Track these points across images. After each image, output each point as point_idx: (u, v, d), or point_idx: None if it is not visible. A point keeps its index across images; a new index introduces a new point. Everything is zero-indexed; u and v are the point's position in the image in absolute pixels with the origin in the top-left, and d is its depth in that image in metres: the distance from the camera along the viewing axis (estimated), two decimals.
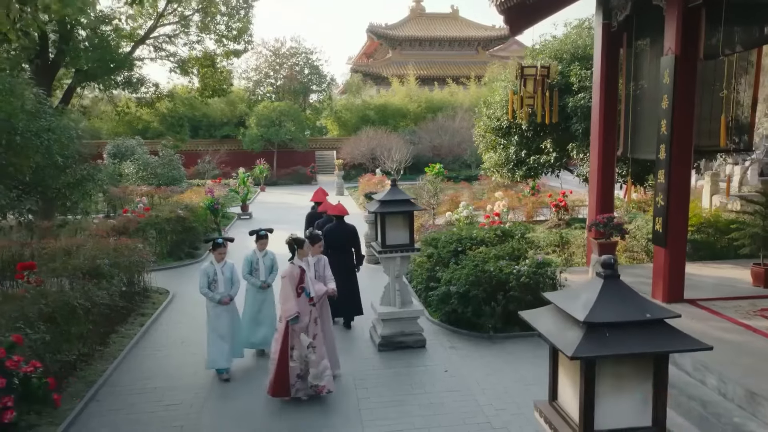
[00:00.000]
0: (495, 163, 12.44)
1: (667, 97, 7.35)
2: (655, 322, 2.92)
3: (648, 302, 3.02)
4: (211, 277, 6.98)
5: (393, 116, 34.83)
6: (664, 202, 7.43)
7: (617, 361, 2.98)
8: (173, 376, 7.14)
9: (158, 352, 8.01)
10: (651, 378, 2.98)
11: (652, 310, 2.94)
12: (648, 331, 2.90)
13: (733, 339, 6.29)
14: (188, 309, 9.77)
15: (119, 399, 6.51)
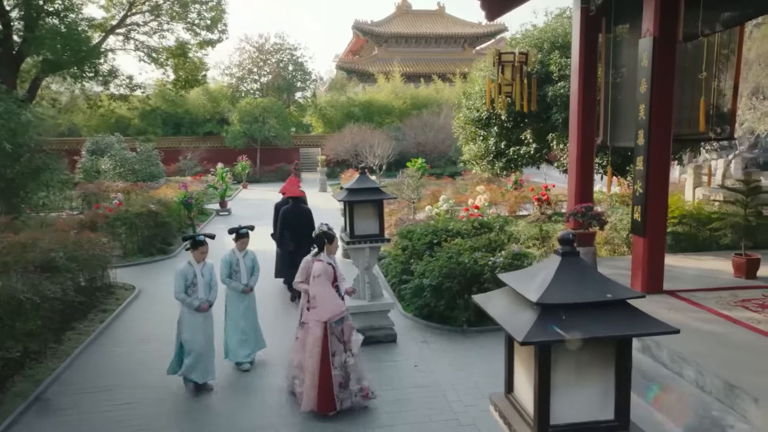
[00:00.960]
0: (474, 155, 12.16)
1: (646, 81, 7.09)
2: (617, 303, 2.62)
3: (610, 282, 2.72)
4: (190, 280, 6.08)
5: (378, 113, 34.52)
6: (643, 190, 7.17)
7: (576, 347, 2.68)
8: (132, 375, 6.79)
9: (118, 349, 7.64)
10: (613, 366, 2.68)
11: (613, 290, 2.64)
12: (609, 313, 2.60)
13: (712, 330, 6.03)
14: (155, 305, 9.41)
15: (69, 398, 6.14)
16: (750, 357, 5.29)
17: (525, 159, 11.34)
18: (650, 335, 2.57)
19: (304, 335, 5.67)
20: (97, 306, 8.88)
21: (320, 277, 5.55)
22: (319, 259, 5.70)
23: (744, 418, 4.62)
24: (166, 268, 12.06)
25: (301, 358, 5.67)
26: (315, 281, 5.57)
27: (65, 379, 6.59)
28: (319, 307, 5.51)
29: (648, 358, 5.91)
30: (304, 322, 5.73)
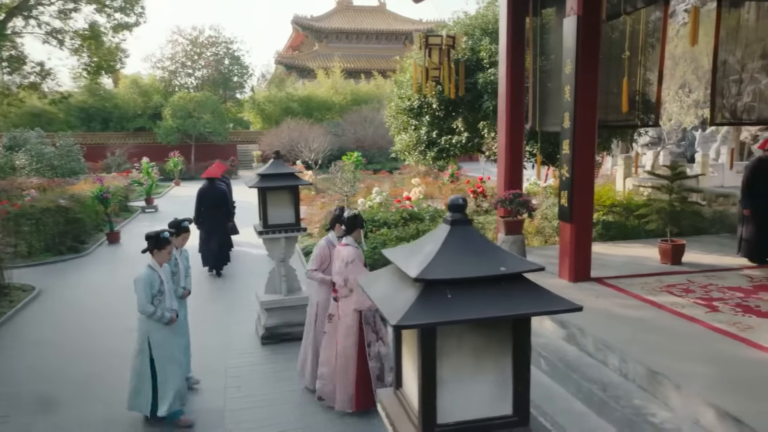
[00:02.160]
0: (406, 145, 11.81)
1: (571, 62, 6.87)
2: (513, 278, 2.22)
3: (505, 254, 2.32)
4: (157, 288, 4.93)
5: (318, 109, 33.87)
6: (569, 174, 6.95)
7: (466, 331, 2.28)
8: (17, 381, 6.04)
9: (5, 352, 6.85)
10: (510, 352, 2.29)
11: (508, 263, 2.24)
12: (504, 289, 2.19)
13: (638, 316, 5.84)
14: (55, 308, 8.58)
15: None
16: (673, 342, 5.09)
17: (457, 148, 11.07)
18: (550, 313, 2.19)
19: (333, 329, 5.18)
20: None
21: (355, 261, 5.01)
22: (346, 244, 5.14)
23: (666, 405, 4.39)
24: (76, 268, 11.17)
25: (330, 355, 5.18)
26: (349, 267, 4.99)
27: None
28: (357, 294, 4.96)
29: (573, 347, 5.65)
30: (331, 314, 5.23)
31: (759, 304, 6.06)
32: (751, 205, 7.68)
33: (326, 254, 5.49)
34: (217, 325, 7.67)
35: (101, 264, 11.53)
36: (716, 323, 5.50)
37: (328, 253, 5.48)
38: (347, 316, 5.08)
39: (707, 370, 4.49)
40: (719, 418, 3.90)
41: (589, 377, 4.98)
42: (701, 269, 7.57)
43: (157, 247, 4.96)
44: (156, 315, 4.91)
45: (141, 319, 4.98)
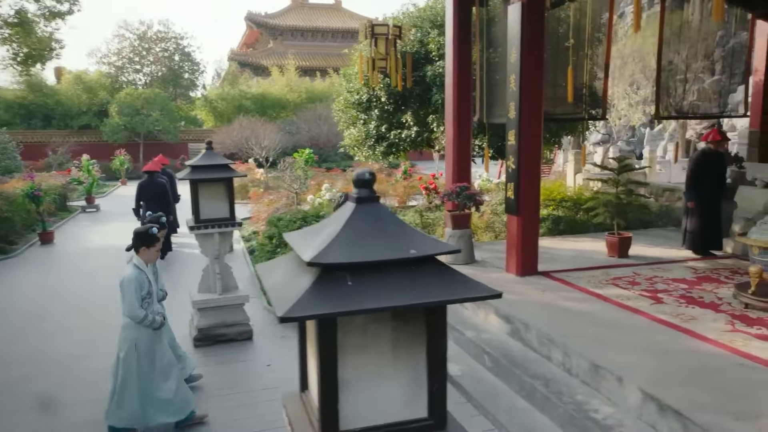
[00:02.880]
0: (355, 140, 11.52)
1: (516, 50, 6.71)
2: (425, 261, 1.95)
3: (417, 234, 2.05)
4: (146, 290, 4.43)
5: (272, 106, 33.22)
6: (515, 166, 6.79)
7: (372, 323, 2.00)
8: None
9: None
10: (424, 346, 2.02)
11: (420, 245, 1.97)
12: (415, 275, 1.92)
13: (583, 309, 5.70)
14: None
15: None
16: (617, 335, 4.96)
17: (407, 143, 10.84)
18: (466, 300, 1.92)
19: None
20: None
21: None
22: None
23: (609, 400, 4.22)
24: (5, 269, 10.45)
25: None
26: None
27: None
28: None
29: (518, 342, 5.46)
30: None
31: (702, 296, 6.02)
32: (696, 197, 7.69)
33: None
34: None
35: (31, 265, 10.83)
36: (660, 315, 5.41)
37: None
38: None
39: (649, 363, 4.35)
40: (660, 412, 3.75)
41: (532, 373, 4.80)
42: (647, 262, 7.54)
43: (145, 244, 4.41)
44: (147, 320, 4.36)
45: (127, 324, 4.40)
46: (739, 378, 4.07)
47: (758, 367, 4.23)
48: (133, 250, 4.46)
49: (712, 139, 7.76)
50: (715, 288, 6.29)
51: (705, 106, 10.66)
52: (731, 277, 6.72)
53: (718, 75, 13.45)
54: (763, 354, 4.43)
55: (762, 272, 5.51)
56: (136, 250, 4.46)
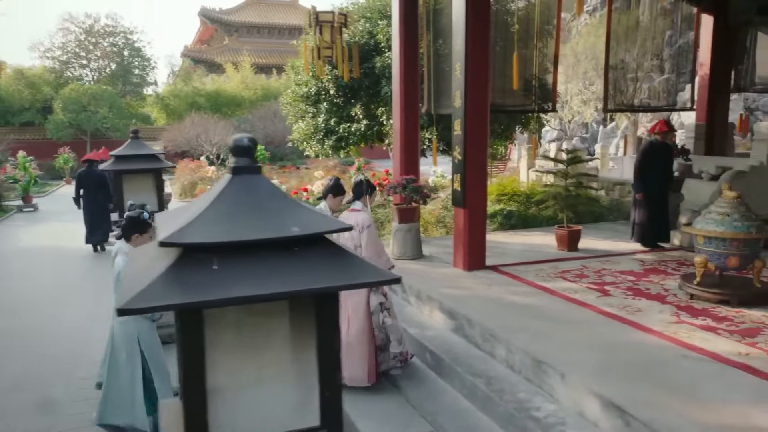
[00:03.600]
0: (303, 134, 11.16)
1: (461, 38, 6.48)
2: (312, 242, 1.66)
3: (306, 211, 1.75)
4: None
5: (227, 104, 32.43)
6: (462, 156, 6.57)
7: (249, 317, 1.69)
8: None
9: None
10: (314, 341, 1.72)
11: (306, 222, 1.67)
12: (299, 258, 1.62)
13: (529, 303, 5.51)
14: None
15: None
16: (562, 329, 4.77)
17: (356, 137, 10.54)
18: (357, 287, 1.64)
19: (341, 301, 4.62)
20: None
21: (371, 227, 4.77)
22: (357, 209, 4.88)
23: (551, 397, 4.01)
24: None
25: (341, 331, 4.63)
26: (365, 233, 4.74)
27: None
28: (376, 260, 4.58)
29: (461, 338, 5.23)
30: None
31: (649, 287, 5.91)
32: (643, 189, 7.63)
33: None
34: (71, 330, 6.73)
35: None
36: (607, 307, 5.26)
37: None
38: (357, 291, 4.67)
39: (593, 357, 4.17)
40: (603, 408, 3.55)
41: (474, 371, 4.56)
42: (596, 255, 7.44)
43: (137, 231, 4.14)
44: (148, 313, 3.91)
45: (126, 319, 4.01)
46: (682, 370, 3.91)
47: (701, 358, 4.09)
48: (123, 238, 4.17)
49: (659, 130, 7.72)
50: (662, 280, 6.20)
51: (655, 104, 10.74)
52: (678, 268, 6.66)
53: (667, 74, 13.62)
54: (707, 345, 4.30)
55: (707, 262, 5.42)
56: (127, 238, 4.15)
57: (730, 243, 5.26)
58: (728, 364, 3.98)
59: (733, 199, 5.44)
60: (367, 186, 5.01)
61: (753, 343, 4.36)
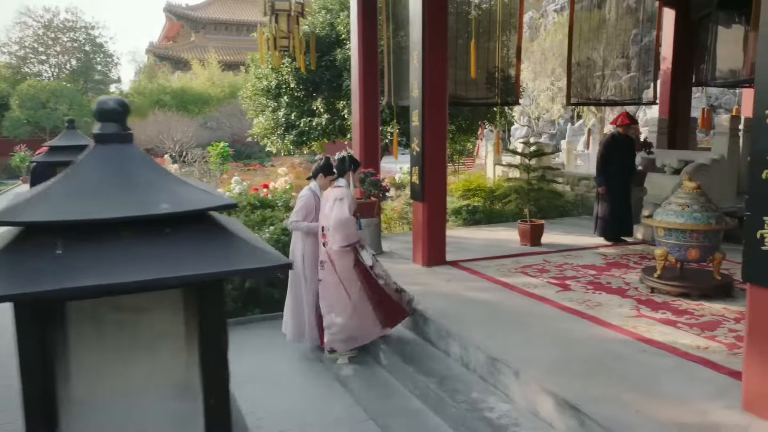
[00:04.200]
0: (263, 129, 10.84)
1: (418, 27, 6.26)
2: (189, 221, 1.39)
3: (183, 185, 1.48)
4: None
5: (193, 101, 31.72)
6: (420, 148, 6.35)
7: (108, 312, 1.42)
8: None
9: None
10: (196, 343, 1.46)
11: (180, 198, 1.41)
12: (169, 240, 1.36)
13: (487, 298, 5.32)
14: None
15: None
16: (520, 325, 4.58)
17: (318, 131, 10.26)
18: (239, 273, 1.38)
19: (328, 274, 4.81)
20: None
21: (343, 200, 4.74)
22: (338, 185, 4.88)
23: (506, 396, 3.82)
24: None
25: (332, 301, 4.81)
26: (337, 203, 4.73)
27: None
28: (341, 232, 4.67)
29: (416, 336, 5.01)
30: (323, 260, 4.86)
31: (610, 281, 5.78)
32: (605, 182, 7.53)
33: (311, 204, 5.19)
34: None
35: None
36: (566, 302, 5.10)
37: (313, 203, 5.18)
38: (343, 254, 4.73)
39: (550, 354, 3.98)
40: (558, 408, 3.36)
41: (428, 370, 4.34)
42: (559, 249, 7.31)
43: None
44: None
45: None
46: (641, 365, 3.75)
47: (660, 352, 3.94)
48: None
49: (620, 122, 7.63)
50: (623, 273, 6.09)
51: (619, 99, 10.74)
52: (640, 262, 6.56)
53: (633, 72, 13.66)
54: (666, 339, 4.15)
55: (667, 254, 5.31)
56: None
57: (690, 235, 5.15)
58: (687, 358, 3.84)
59: (692, 189, 5.33)
60: (350, 162, 4.98)
61: (712, 336, 4.23)
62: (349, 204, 4.76)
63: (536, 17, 27.26)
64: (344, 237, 4.67)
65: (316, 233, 5.05)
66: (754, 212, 2.98)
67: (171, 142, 18.78)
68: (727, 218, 5.23)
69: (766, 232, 2.93)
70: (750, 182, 3.00)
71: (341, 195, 4.78)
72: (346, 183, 4.93)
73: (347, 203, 4.76)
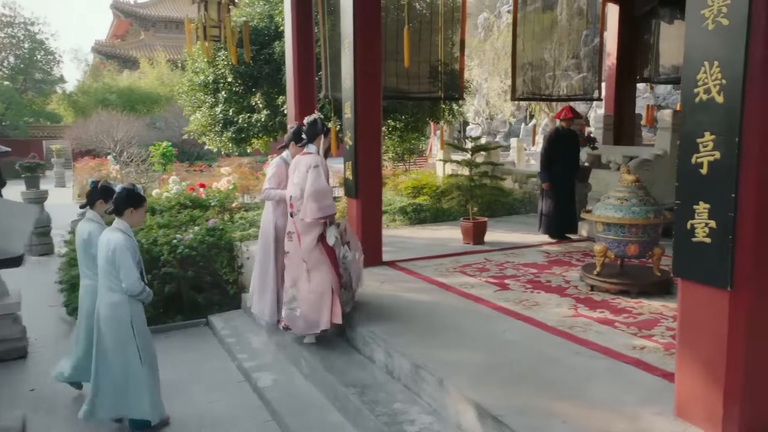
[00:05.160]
0: (200, 125, 10.31)
1: (350, 16, 5.90)
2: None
3: None
4: (137, 258, 3.84)
5: (141, 101, 30.64)
6: (353, 142, 5.99)
7: None
8: None
9: None
10: None
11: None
12: None
13: (421, 300, 5.00)
14: None
15: None
16: (450, 327, 4.27)
17: (257, 128, 9.79)
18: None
19: (293, 248, 4.52)
20: None
21: (318, 167, 4.40)
22: (308, 152, 4.55)
23: (430, 407, 3.49)
24: None
25: (296, 275, 4.48)
26: (312, 171, 4.38)
27: None
28: (317, 202, 4.31)
29: (343, 342, 4.65)
30: (290, 231, 4.57)
31: (550, 280, 5.55)
32: (549, 178, 7.33)
33: (282, 172, 4.94)
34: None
35: None
36: (503, 302, 4.82)
37: (284, 171, 4.91)
38: (311, 227, 4.41)
39: (478, 359, 3.68)
40: (480, 419, 3.05)
41: (350, 379, 3.99)
42: (502, 247, 7.07)
43: (132, 205, 3.82)
44: (144, 293, 3.81)
45: (119, 301, 3.74)
46: (573, 369, 3.48)
47: (595, 355, 3.68)
48: (115, 213, 3.81)
49: (564, 116, 7.44)
50: (564, 271, 5.87)
51: (565, 98, 10.66)
52: (583, 259, 6.36)
53: (584, 72, 13.66)
54: (601, 339, 3.91)
55: (606, 250, 5.10)
56: (119, 212, 3.80)
57: (629, 229, 4.95)
58: (621, 360, 3.59)
59: (631, 183, 5.14)
60: (322, 126, 4.70)
61: (649, 335, 4.01)
62: (325, 171, 4.48)
63: (490, 17, 27.36)
64: (320, 208, 4.33)
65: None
66: (683, 201, 2.74)
67: (111, 142, 17.91)
68: (666, 212, 5.05)
69: (697, 222, 2.68)
70: (679, 168, 2.76)
71: (314, 162, 4.43)
72: (315, 149, 4.60)
73: (323, 170, 4.44)
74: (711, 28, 2.57)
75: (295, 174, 4.54)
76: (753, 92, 2.45)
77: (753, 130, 2.47)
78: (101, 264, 3.76)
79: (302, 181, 4.41)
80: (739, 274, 2.57)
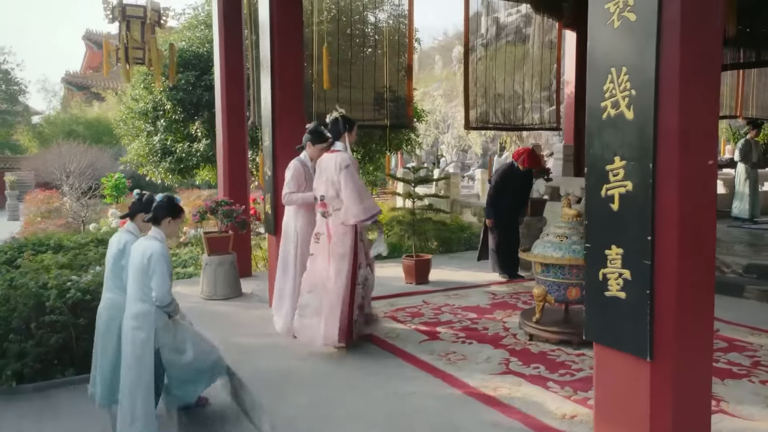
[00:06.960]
0: (137, 154, 9.67)
1: (267, 36, 5.37)
2: None
3: None
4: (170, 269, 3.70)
5: (108, 132, 29.90)
6: (272, 172, 5.40)
7: None
8: None
9: None
10: None
11: None
12: None
13: (331, 354, 4.34)
14: None
15: None
16: (353, 390, 3.62)
17: (197, 157, 9.19)
18: None
19: (320, 249, 4.33)
20: None
21: (350, 167, 4.22)
22: (336, 150, 4.37)
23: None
24: None
25: (315, 280, 4.30)
26: (344, 172, 4.19)
27: None
28: (360, 203, 4.15)
29: (237, 405, 3.95)
30: (318, 233, 4.38)
31: (488, 326, 4.93)
32: (495, 214, 6.71)
33: (301, 174, 4.72)
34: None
35: None
36: (426, 355, 4.19)
37: (303, 173, 4.72)
38: (343, 233, 4.22)
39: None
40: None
41: None
42: (446, 287, 6.45)
43: (171, 215, 3.74)
44: (173, 305, 3.71)
45: (147, 312, 3.61)
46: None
47: (514, 427, 3.04)
48: (152, 221, 3.69)
49: (521, 162, 6.74)
50: (507, 316, 5.25)
51: (520, 126, 10.32)
52: (529, 302, 5.75)
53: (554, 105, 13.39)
54: (526, 406, 3.28)
55: (546, 295, 4.50)
56: (157, 221, 3.69)
57: (569, 270, 4.37)
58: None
59: (572, 218, 4.58)
60: (344, 122, 4.44)
61: (585, 399, 3.38)
62: (356, 169, 4.29)
63: (462, 50, 27.36)
64: (364, 209, 4.15)
65: (310, 204, 4.60)
66: (593, 244, 2.15)
67: (63, 173, 17.15)
68: None
69: (609, 272, 2.09)
70: (587, 203, 2.18)
71: (345, 161, 4.22)
72: (343, 146, 4.38)
73: (354, 169, 4.25)
74: (617, 26, 2.02)
75: (324, 173, 4.33)
76: (668, 104, 1.89)
77: (670, 152, 1.90)
78: (132, 273, 3.62)
79: (335, 183, 4.22)
80: (660, 340, 1.97)
